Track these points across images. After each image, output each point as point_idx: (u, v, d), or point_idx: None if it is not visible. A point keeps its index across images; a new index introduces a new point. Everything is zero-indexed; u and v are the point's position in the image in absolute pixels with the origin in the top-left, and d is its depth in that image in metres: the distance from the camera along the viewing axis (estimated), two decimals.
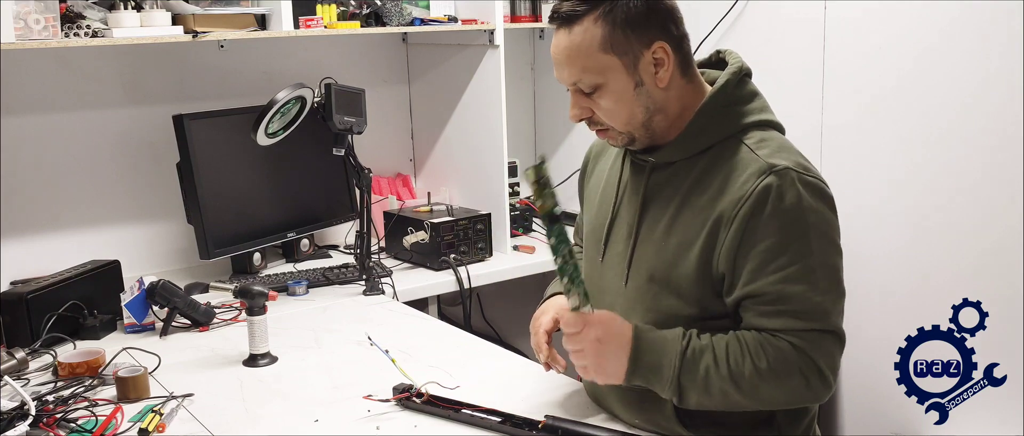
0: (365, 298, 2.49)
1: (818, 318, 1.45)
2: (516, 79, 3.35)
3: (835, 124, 2.47)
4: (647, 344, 1.48)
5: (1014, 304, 2.12)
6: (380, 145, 3.11)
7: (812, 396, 1.48)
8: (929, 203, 2.29)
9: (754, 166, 1.46)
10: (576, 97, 1.55)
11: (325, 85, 2.45)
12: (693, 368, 1.46)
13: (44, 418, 1.68)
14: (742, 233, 1.45)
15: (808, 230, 1.44)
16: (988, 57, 2.13)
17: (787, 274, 1.43)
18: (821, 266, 1.45)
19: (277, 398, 1.83)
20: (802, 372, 1.45)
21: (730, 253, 1.46)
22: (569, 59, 1.51)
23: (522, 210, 3.12)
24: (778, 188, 1.43)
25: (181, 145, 2.54)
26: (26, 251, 2.54)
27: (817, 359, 1.45)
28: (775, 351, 1.45)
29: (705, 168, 1.52)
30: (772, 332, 1.46)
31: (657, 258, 1.54)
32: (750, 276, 1.45)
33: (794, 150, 1.53)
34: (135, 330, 2.23)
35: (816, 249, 1.45)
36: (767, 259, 1.44)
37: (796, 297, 1.44)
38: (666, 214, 1.54)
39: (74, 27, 2.27)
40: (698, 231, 1.49)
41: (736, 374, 1.45)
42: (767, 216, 1.43)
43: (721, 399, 1.47)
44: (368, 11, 2.74)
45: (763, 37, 2.61)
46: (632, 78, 1.49)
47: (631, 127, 1.53)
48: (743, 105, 1.55)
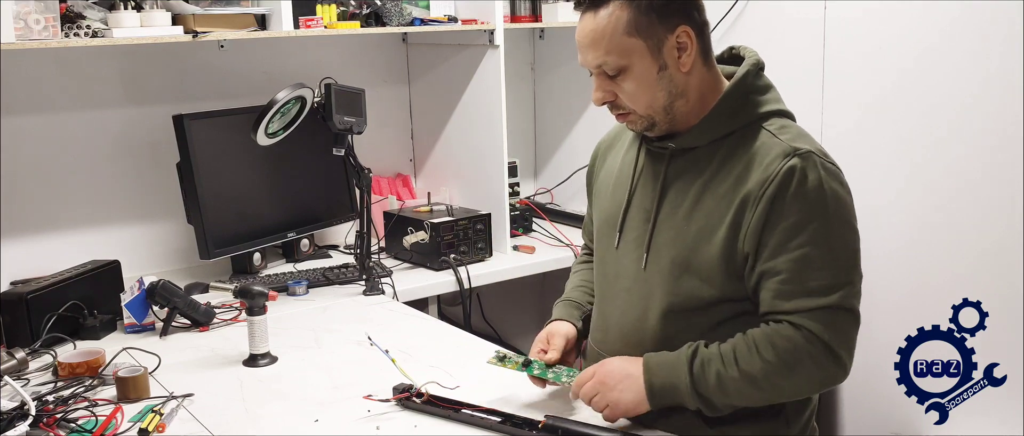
0: (365, 298, 2.49)
1: (833, 296, 1.48)
2: (516, 79, 3.35)
3: (835, 124, 2.47)
4: (656, 368, 1.54)
5: (1014, 304, 2.12)
6: (380, 145, 3.11)
7: (829, 377, 1.52)
8: (929, 203, 2.29)
9: (778, 149, 1.51)
10: (600, 80, 1.58)
11: (325, 85, 2.45)
12: (705, 378, 1.51)
13: (44, 418, 1.68)
14: (767, 213, 1.49)
15: (828, 211, 1.49)
16: (988, 57, 2.13)
17: (805, 252, 1.48)
18: (839, 246, 1.50)
19: (277, 398, 1.83)
20: (812, 357, 1.48)
21: (756, 232, 1.50)
22: (594, 42, 1.54)
23: (522, 210, 3.12)
24: (802, 169, 1.48)
25: (181, 145, 2.54)
26: (26, 251, 2.54)
27: (829, 339, 1.48)
28: (783, 341, 1.48)
29: (727, 154, 1.56)
30: (781, 317, 1.49)
31: (678, 241, 1.58)
32: (770, 253, 1.49)
33: (812, 138, 1.57)
34: (135, 330, 2.23)
35: (835, 230, 1.50)
36: (787, 237, 1.48)
37: (812, 274, 1.48)
38: (687, 198, 1.58)
39: (74, 27, 2.27)
40: (723, 214, 1.53)
41: (748, 373, 1.49)
42: (791, 196, 1.48)
43: (745, 399, 1.52)
44: (368, 11, 2.74)
45: (763, 37, 2.61)
46: (656, 62, 1.53)
47: (652, 111, 1.56)
48: (762, 95, 1.60)
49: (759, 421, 1.60)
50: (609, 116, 1.70)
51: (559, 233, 3.04)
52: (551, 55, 3.35)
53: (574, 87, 3.25)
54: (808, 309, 1.48)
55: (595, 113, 2.90)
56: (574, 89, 3.25)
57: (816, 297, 1.48)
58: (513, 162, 3.22)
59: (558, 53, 3.33)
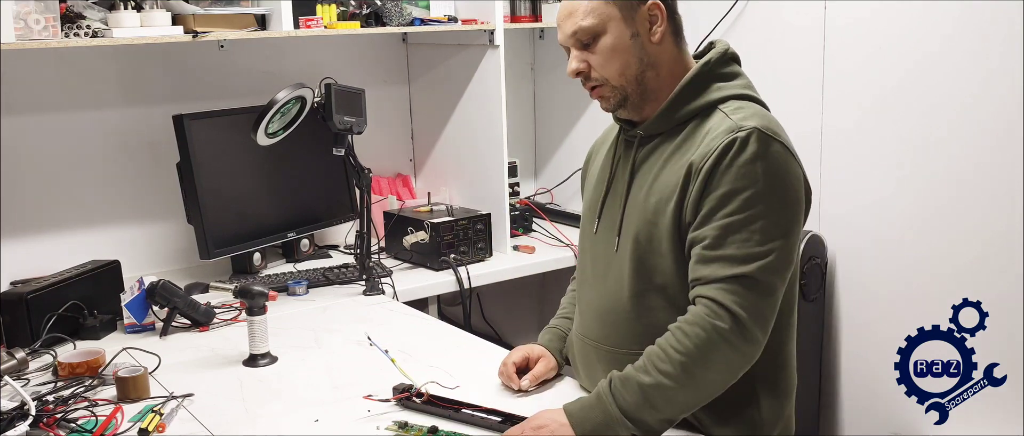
0: (365, 298, 2.49)
1: (749, 266, 1.48)
2: (516, 79, 3.35)
3: (835, 124, 2.47)
4: (579, 406, 1.54)
5: (1014, 304, 2.12)
6: (380, 145, 3.11)
7: (745, 356, 1.51)
8: (929, 203, 2.29)
9: (726, 125, 1.55)
10: (574, 51, 1.63)
11: (325, 85, 2.45)
12: (627, 395, 1.50)
13: (44, 418, 1.68)
14: (705, 184, 1.53)
15: (760, 183, 1.50)
16: (988, 58, 2.13)
17: (730, 221, 1.50)
18: (766, 219, 1.50)
19: (277, 398, 1.83)
20: (722, 336, 1.47)
21: (694, 203, 1.54)
22: (571, 11, 1.61)
23: (522, 210, 3.12)
24: (742, 142, 1.51)
25: (181, 145, 2.54)
26: (26, 251, 2.54)
27: (738, 310, 1.47)
28: (692, 327, 1.49)
29: (686, 135, 1.61)
30: (697, 286, 1.51)
31: (640, 218, 1.62)
32: (700, 221, 1.53)
33: (770, 118, 1.59)
34: (135, 330, 2.23)
35: (766, 202, 1.50)
36: (717, 206, 1.51)
37: (733, 242, 1.49)
38: (649, 177, 1.62)
39: (74, 27, 2.27)
40: (673, 187, 1.57)
41: (667, 373, 1.49)
42: (725, 166, 1.51)
43: (675, 405, 1.51)
44: (368, 11, 2.74)
45: (763, 37, 2.61)
46: (629, 28, 1.59)
47: (625, 80, 1.61)
48: (724, 81, 1.63)
49: (738, 423, 1.61)
50: (609, 116, 1.71)
51: (559, 233, 3.04)
52: (551, 55, 3.35)
53: (574, 87, 3.23)
54: (722, 277, 1.49)
55: (595, 113, 2.90)
56: (574, 89, 3.23)
57: (733, 265, 1.49)
58: (513, 162, 3.22)
59: (558, 53, 3.31)
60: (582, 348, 1.76)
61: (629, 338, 1.63)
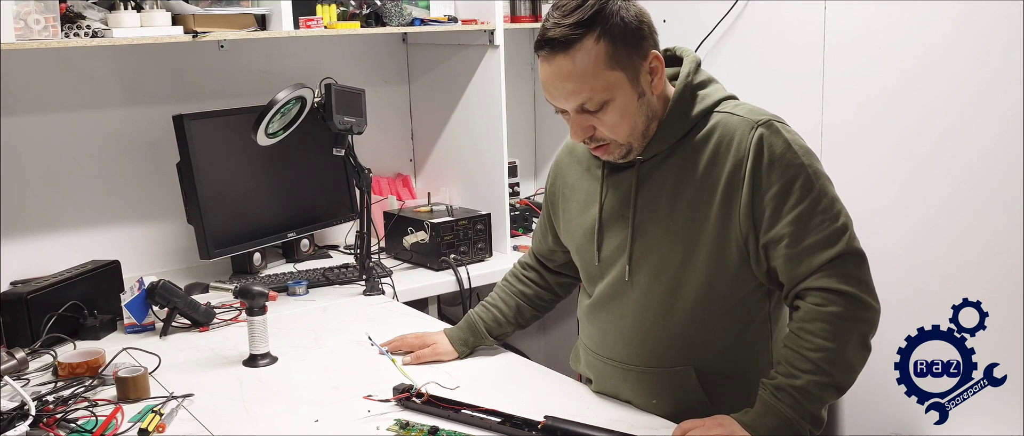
0: (365, 298, 2.49)
1: (838, 243, 1.54)
2: (516, 79, 3.35)
3: (835, 124, 2.47)
4: (752, 417, 1.53)
5: (1014, 304, 2.12)
6: (380, 145, 3.11)
7: (868, 324, 1.56)
8: (929, 203, 2.29)
9: (743, 125, 1.57)
10: (578, 118, 1.58)
11: (325, 85, 2.45)
12: (787, 400, 1.51)
13: (44, 418, 1.68)
14: (752, 187, 1.54)
15: (803, 170, 1.55)
16: (988, 57, 2.13)
17: (799, 213, 1.54)
18: (823, 194, 1.56)
19: (277, 398, 1.83)
20: (842, 318, 1.52)
21: (748, 209, 1.55)
22: (575, 84, 1.54)
23: (522, 210, 3.12)
24: (769, 138, 1.56)
25: (181, 145, 2.54)
26: (26, 251, 2.54)
27: (844, 288, 1.52)
28: (812, 325, 1.52)
29: (692, 147, 1.61)
30: (801, 290, 1.54)
31: (665, 237, 1.62)
32: (768, 223, 1.55)
33: (760, 107, 1.63)
34: (135, 330, 2.23)
35: (814, 184, 1.55)
36: (778, 204, 1.55)
37: (811, 230, 1.53)
38: (664, 195, 1.62)
39: (74, 27, 2.27)
40: (710, 199, 1.57)
41: (812, 371, 1.51)
42: (766, 165, 1.55)
43: (832, 391, 1.53)
44: (368, 11, 2.74)
45: (763, 37, 2.61)
46: (635, 90, 1.56)
47: (632, 138, 1.60)
48: (706, 88, 1.65)
49: None
50: None
51: None
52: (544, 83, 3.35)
53: None
54: (817, 266, 1.52)
55: None
56: None
57: (821, 250, 1.53)
58: (513, 162, 3.22)
59: None
60: (603, 368, 1.76)
61: (660, 357, 1.66)
